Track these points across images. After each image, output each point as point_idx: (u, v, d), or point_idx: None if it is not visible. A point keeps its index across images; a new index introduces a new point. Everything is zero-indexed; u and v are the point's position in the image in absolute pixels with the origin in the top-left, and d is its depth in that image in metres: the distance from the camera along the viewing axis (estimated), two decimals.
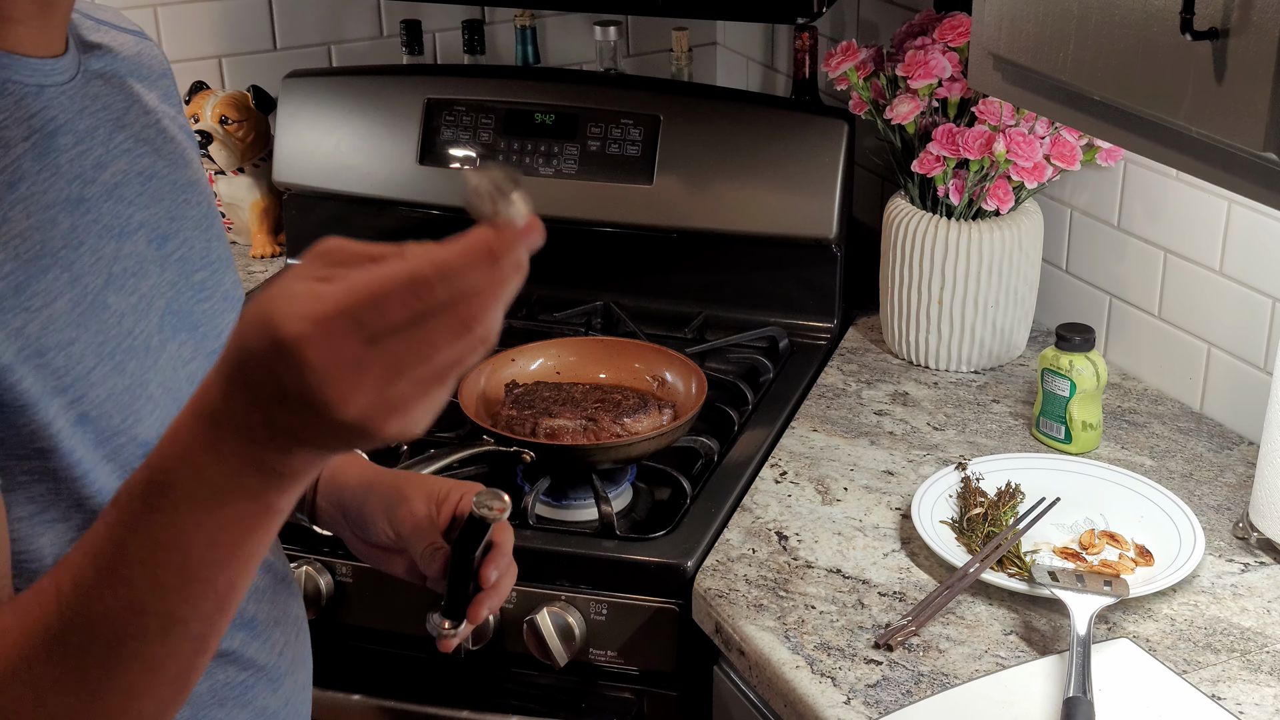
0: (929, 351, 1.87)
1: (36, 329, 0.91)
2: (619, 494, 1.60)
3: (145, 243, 1.02)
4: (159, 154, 1.07)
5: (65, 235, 0.94)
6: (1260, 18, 1.07)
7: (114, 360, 0.96)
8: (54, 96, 0.97)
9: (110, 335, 0.96)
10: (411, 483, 1.20)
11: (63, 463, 0.93)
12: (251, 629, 1.09)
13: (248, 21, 2.30)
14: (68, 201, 0.95)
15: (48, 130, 0.96)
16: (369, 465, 1.24)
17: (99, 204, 0.98)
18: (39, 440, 0.91)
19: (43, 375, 0.91)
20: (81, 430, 0.93)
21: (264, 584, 1.13)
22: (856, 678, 1.31)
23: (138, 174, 1.03)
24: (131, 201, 1.01)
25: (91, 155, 0.99)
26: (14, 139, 0.93)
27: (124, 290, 0.99)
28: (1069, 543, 1.50)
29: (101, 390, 0.95)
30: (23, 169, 0.93)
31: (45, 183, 0.94)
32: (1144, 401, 1.80)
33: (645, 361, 1.76)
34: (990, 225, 1.80)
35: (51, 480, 0.93)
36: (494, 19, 2.39)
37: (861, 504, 1.58)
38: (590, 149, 2.03)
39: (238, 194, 2.25)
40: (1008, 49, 1.37)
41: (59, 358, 0.92)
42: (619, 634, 1.51)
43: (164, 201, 1.05)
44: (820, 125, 1.96)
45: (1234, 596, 1.42)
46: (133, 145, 1.04)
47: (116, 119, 1.03)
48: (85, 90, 1.00)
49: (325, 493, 1.22)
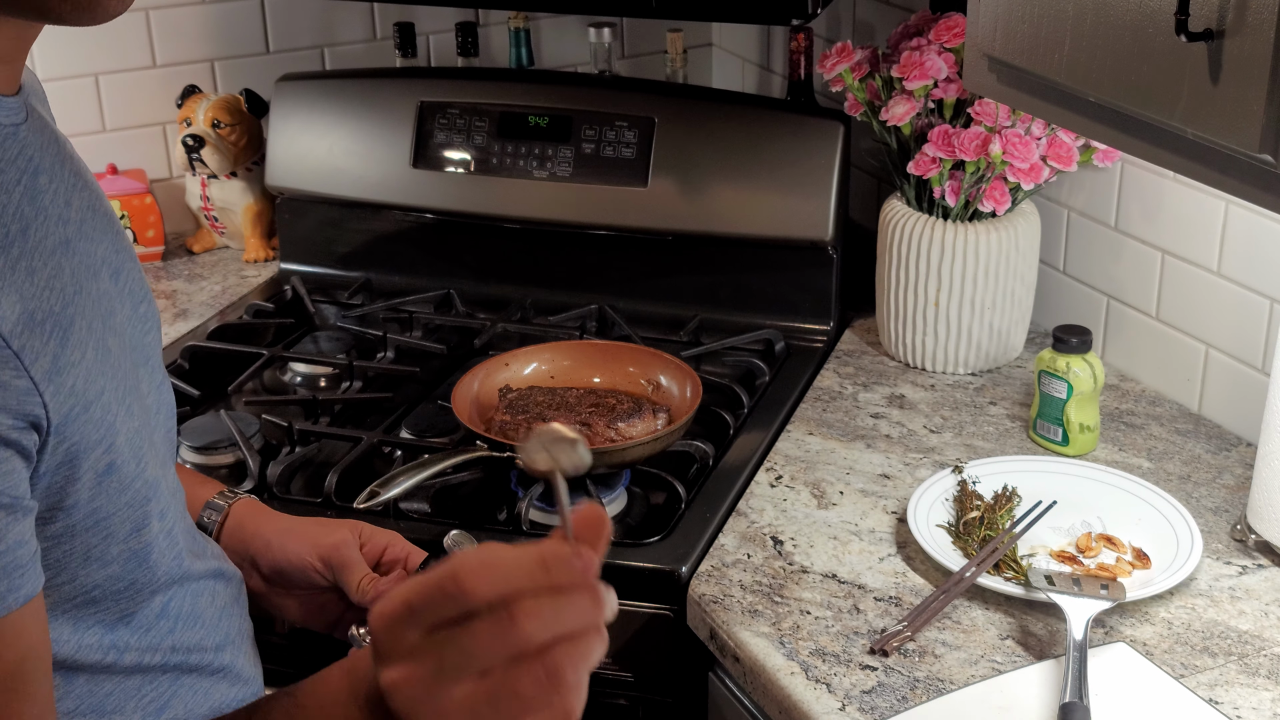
0: (925, 354, 1.87)
1: (82, 384, 0.90)
2: (613, 499, 1.60)
3: (109, 279, 0.99)
4: (89, 181, 1.03)
5: (71, 280, 0.92)
6: (1255, 19, 1.06)
7: (125, 404, 0.96)
8: (25, 135, 0.93)
9: (119, 379, 0.96)
10: (327, 524, 1.29)
11: (80, 514, 0.92)
12: (238, 645, 1.10)
13: (240, 25, 2.30)
14: (60, 245, 0.93)
15: (30, 170, 0.92)
16: (281, 515, 1.30)
17: (77, 244, 0.95)
18: (63, 496, 0.90)
19: (86, 430, 0.90)
20: (108, 479, 0.93)
21: (229, 596, 1.13)
22: (852, 684, 1.30)
23: (89, 208, 1.00)
24: (93, 237, 0.99)
25: (61, 193, 0.96)
26: (10, 182, 0.90)
27: (112, 330, 0.97)
28: (1066, 546, 1.49)
29: (122, 436, 0.94)
30: (25, 215, 0.90)
31: (43, 228, 0.91)
32: (1141, 403, 1.79)
33: (640, 365, 1.75)
34: (987, 227, 1.79)
35: (69, 538, 0.92)
36: (488, 21, 2.38)
37: (857, 508, 1.57)
38: (585, 151, 2.02)
39: (230, 198, 2.24)
40: (1003, 50, 1.37)
41: (97, 410, 0.91)
42: (613, 640, 1.49)
43: (109, 233, 1.02)
44: (816, 127, 1.95)
45: (1232, 599, 1.41)
46: (77, 177, 1.00)
47: (58, 151, 0.99)
48: (35, 124, 0.96)
49: (229, 543, 1.27)
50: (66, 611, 0.95)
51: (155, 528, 0.99)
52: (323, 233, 2.18)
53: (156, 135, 2.30)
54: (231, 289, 2.18)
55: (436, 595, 0.74)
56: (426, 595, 0.74)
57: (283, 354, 1.93)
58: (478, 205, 2.07)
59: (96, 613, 0.97)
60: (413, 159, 2.09)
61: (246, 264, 2.26)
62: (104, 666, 0.98)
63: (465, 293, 2.09)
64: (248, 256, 2.26)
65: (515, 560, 0.74)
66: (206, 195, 2.25)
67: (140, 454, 0.96)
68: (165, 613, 1.03)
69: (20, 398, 0.84)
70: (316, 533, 1.26)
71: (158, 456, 1.01)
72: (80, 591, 0.95)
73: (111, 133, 2.25)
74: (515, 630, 0.73)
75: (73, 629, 0.95)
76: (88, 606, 0.96)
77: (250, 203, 2.24)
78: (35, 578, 0.86)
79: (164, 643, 1.03)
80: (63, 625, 0.95)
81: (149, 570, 0.99)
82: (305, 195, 2.16)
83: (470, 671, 0.74)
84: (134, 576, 0.98)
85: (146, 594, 1.00)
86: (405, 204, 2.10)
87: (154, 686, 1.02)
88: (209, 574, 1.10)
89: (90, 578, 0.95)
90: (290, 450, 1.70)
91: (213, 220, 2.28)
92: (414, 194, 2.09)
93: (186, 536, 1.08)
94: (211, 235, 2.31)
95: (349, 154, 2.11)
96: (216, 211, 2.26)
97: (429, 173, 2.08)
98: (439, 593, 0.74)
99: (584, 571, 0.75)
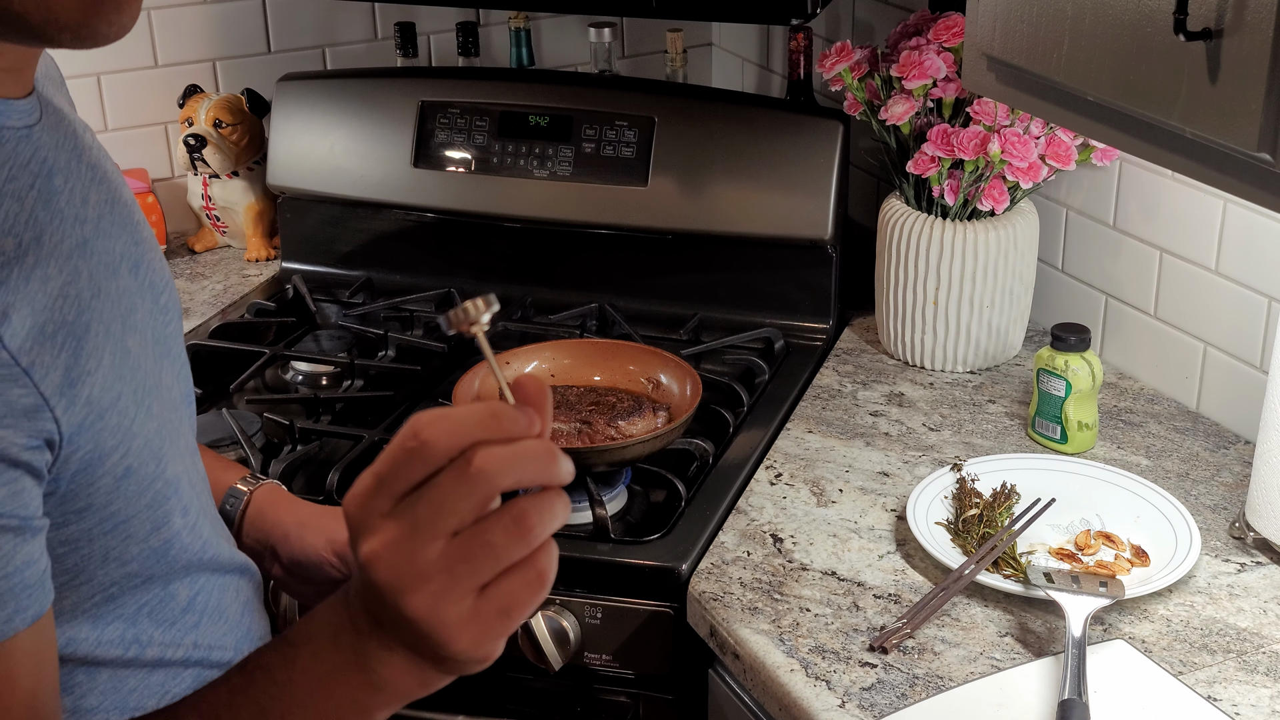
0: (924, 352, 1.87)
1: (98, 393, 0.89)
2: (613, 497, 1.60)
3: (128, 274, 0.99)
4: (108, 172, 1.02)
5: (88, 284, 0.92)
6: (1254, 18, 1.07)
7: (144, 405, 0.95)
8: (39, 136, 0.93)
9: (138, 380, 0.95)
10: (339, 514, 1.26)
11: (96, 517, 0.92)
12: (256, 644, 1.10)
13: (242, 24, 2.30)
14: (77, 247, 0.92)
15: (44, 173, 0.92)
16: (302, 504, 1.31)
17: (95, 243, 0.95)
18: (79, 501, 0.90)
19: (102, 437, 0.90)
20: (126, 483, 0.93)
21: (251, 592, 1.14)
22: (851, 681, 1.30)
23: (107, 201, 0.99)
24: (111, 233, 0.98)
25: (78, 191, 0.95)
26: (23, 189, 0.89)
27: (132, 329, 0.96)
28: (1065, 543, 1.49)
29: (140, 439, 0.94)
30: (39, 220, 0.89)
31: (59, 231, 0.91)
32: (1140, 401, 1.79)
33: (640, 364, 1.76)
34: (985, 225, 1.80)
35: (86, 543, 0.92)
36: (488, 21, 2.39)
37: (857, 505, 1.58)
38: (585, 151, 2.03)
39: (232, 197, 2.25)
40: (1001, 50, 1.37)
41: (113, 416, 0.91)
42: (614, 638, 1.51)
43: (128, 226, 1.01)
44: (815, 126, 1.96)
45: (1230, 597, 1.41)
46: (94, 171, 0.99)
47: (74, 145, 0.98)
48: (49, 121, 0.96)
49: (250, 531, 1.27)
50: (86, 611, 0.94)
51: (177, 524, 0.99)
52: (324, 232, 2.18)
53: (158, 135, 2.31)
54: (233, 288, 2.18)
55: (400, 456, 0.76)
56: (391, 461, 0.77)
57: (284, 353, 1.93)
58: (478, 204, 2.08)
59: (117, 608, 0.97)
60: (413, 158, 2.09)
61: (248, 263, 2.26)
62: (125, 661, 0.98)
63: (466, 292, 2.09)
64: (249, 256, 2.27)
65: (469, 412, 0.77)
66: (208, 195, 2.25)
67: (160, 454, 0.96)
68: (191, 607, 1.03)
69: (31, 416, 0.84)
70: (332, 525, 1.26)
71: (181, 451, 1.01)
72: (99, 590, 0.95)
73: (113, 132, 2.26)
74: (477, 474, 0.76)
75: (92, 626, 0.95)
76: (108, 604, 0.96)
77: (252, 202, 2.25)
78: (43, 596, 0.86)
79: (187, 638, 1.03)
80: (81, 624, 0.94)
81: (170, 565, 1.00)
82: (306, 194, 2.16)
83: (443, 529, 0.76)
84: (155, 572, 0.98)
85: (171, 586, 1.00)
86: (406, 203, 2.11)
87: (177, 682, 1.02)
88: (235, 568, 1.10)
89: (109, 576, 0.95)
90: (292, 448, 1.70)
91: (214, 219, 2.28)
92: (415, 193, 2.10)
93: (214, 526, 1.08)
94: (213, 234, 2.32)
95: (350, 153, 2.12)
96: (218, 211, 2.26)
97: (430, 172, 2.09)
98: (402, 453, 0.76)
99: (531, 424, 0.78)
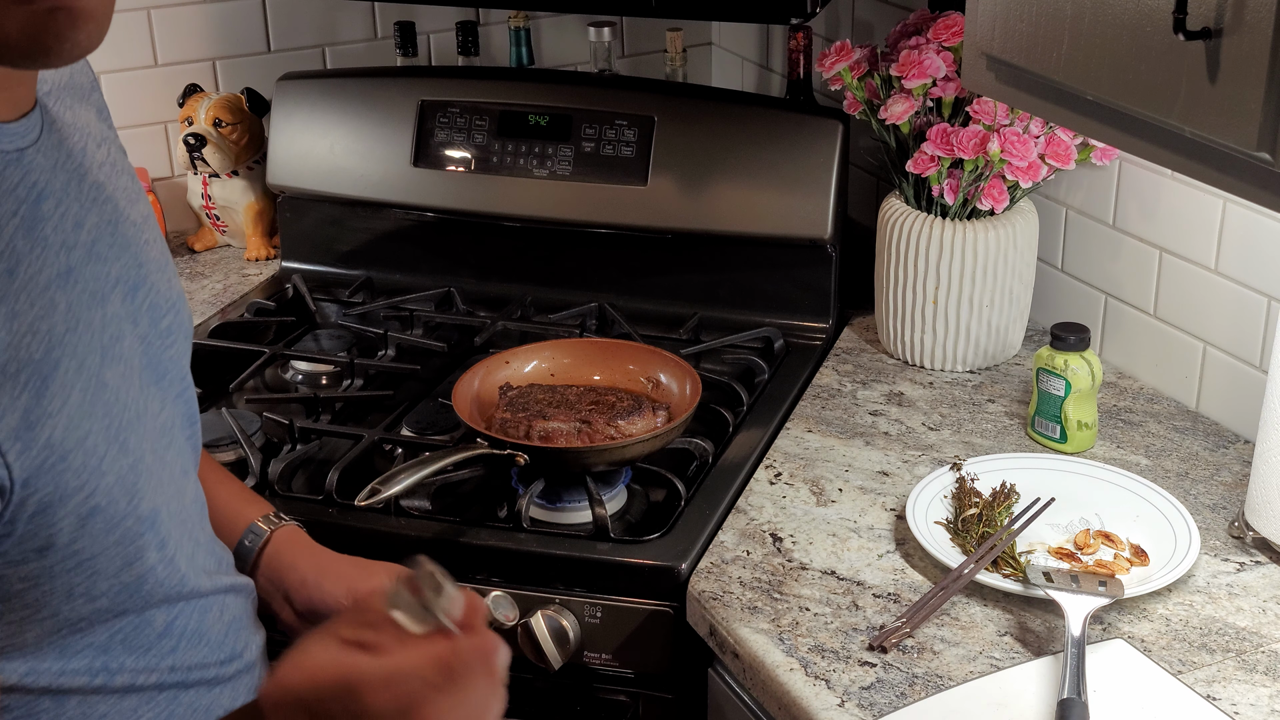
0: (924, 351, 1.87)
1: (60, 434, 0.87)
2: (613, 496, 1.60)
3: (120, 300, 0.96)
4: (118, 191, 1.00)
5: (64, 316, 0.89)
6: (1253, 17, 1.07)
7: (119, 441, 0.92)
8: (32, 159, 0.90)
9: (113, 415, 0.92)
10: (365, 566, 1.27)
11: (58, 555, 0.89)
12: (246, 657, 1.09)
13: (241, 24, 2.30)
14: (59, 276, 0.90)
15: (32, 199, 0.89)
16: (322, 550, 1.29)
17: (82, 270, 0.92)
18: (38, 540, 0.87)
19: (64, 478, 0.87)
20: (92, 521, 0.90)
21: (240, 608, 1.12)
22: (851, 680, 1.31)
23: (107, 223, 0.97)
24: (105, 257, 0.95)
25: (70, 215, 0.93)
26: (5, 215, 0.87)
27: (113, 360, 0.94)
28: (1064, 543, 1.49)
29: (111, 476, 0.91)
30: (17, 250, 0.87)
31: (38, 261, 0.88)
32: (1139, 400, 1.79)
33: (640, 363, 1.76)
34: (985, 225, 1.80)
35: (48, 579, 0.89)
36: (488, 20, 2.39)
37: (856, 505, 1.58)
38: (585, 150, 2.03)
39: (232, 197, 2.25)
40: (1000, 49, 1.37)
41: (78, 457, 0.88)
42: (613, 637, 1.51)
43: (130, 248, 0.99)
44: (815, 125, 1.96)
45: (1229, 596, 1.41)
46: (97, 192, 0.97)
47: (78, 164, 0.96)
48: (50, 141, 0.93)
49: (265, 571, 1.25)
50: (52, 644, 0.92)
51: (152, 559, 0.96)
52: (324, 231, 2.18)
53: (158, 134, 2.31)
54: (233, 287, 2.18)
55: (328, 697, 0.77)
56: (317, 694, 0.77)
57: (284, 352, 1.93)
58: (478, 204, 2.08)
59: (86, 638, 0.94)
60: (413, 158, 2.09)
61: (248, 262, 2.27)
62: (94, 689, 0.95)
63: (466, 291, 2.10)
64: (249, 255, 2.27)
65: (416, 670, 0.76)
66: (208, 194, 2.25)
67: (134, 489, 0.93)
68: (169, 632, 1.00)
69: None
70: (353, 575, 1.24)
71: (162, 482, 0.98)
72: (65, 624, 0.92)
73: None
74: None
75: (58, 657, 0.93)
76: (75, 636, 0.93)
77: (251, 201, 2.25)
78: None
79: (163, 663, 1.00)
80: (46, 655, 0.92)
81: (145, 599, 0.97)
82: (306, 194, 2.16)
83: None
84: (128, 606, 0.96)
85: (146, 614, 0.98)
86: (406, 202, 2.11)
87: (151, 706, 0.99)
88: (220, 590, 1.07)
89: (76, 612, 0.92)
90: (291, 448, 1.70)
91: (214, 219, 2.28)
92: (415, 192, 2.10)
93: (202, 553, 1.05)
94: (213, 234, 2.32)
95: (350, 153, 2.12)
96: (218, 210, 2.26)
97: (430, 171, 2.09)
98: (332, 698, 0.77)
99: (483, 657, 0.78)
